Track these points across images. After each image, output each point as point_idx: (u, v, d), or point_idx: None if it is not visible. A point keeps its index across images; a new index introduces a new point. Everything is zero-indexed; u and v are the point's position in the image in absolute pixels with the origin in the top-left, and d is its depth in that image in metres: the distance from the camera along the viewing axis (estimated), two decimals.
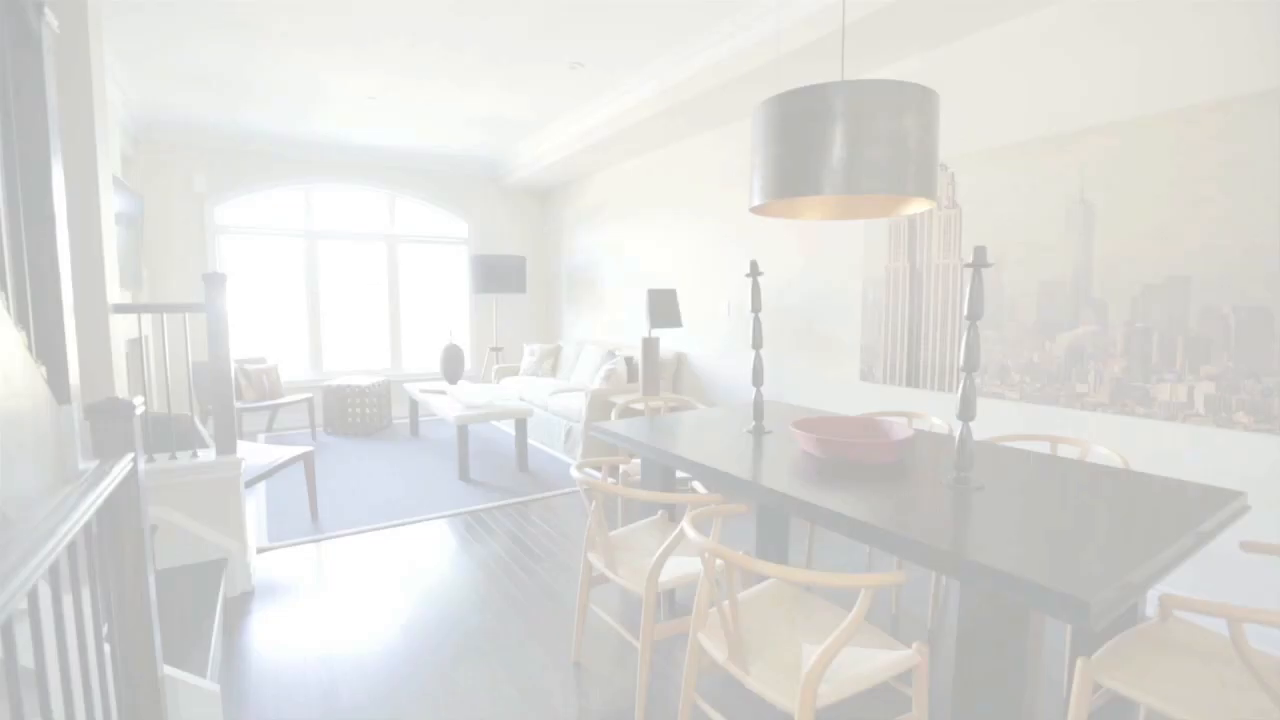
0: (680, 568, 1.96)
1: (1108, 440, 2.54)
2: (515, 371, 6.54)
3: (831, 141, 1.60)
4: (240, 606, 2.60)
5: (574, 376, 5.85)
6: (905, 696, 1.88)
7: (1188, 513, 1.47)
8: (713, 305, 4.76)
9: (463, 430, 4.34)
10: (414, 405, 5.87)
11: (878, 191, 1.61)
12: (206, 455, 2.70)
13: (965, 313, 1.60)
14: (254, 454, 3.46)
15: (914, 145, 1.61)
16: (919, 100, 1.61)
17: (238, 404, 5.27)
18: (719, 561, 1.37)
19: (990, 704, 1.33)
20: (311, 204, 6.30)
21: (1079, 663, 1.36)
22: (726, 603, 1.39)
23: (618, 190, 5.96)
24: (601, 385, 4.80)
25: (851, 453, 1.86)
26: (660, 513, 2.33)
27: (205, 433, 3.53)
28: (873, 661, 1.44)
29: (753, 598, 1.73)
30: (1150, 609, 2.26)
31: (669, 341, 5.30)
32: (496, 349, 6.62)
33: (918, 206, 1.93)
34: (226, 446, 2.70)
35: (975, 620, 1.34)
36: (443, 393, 5.27)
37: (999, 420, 2.90)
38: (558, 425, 5.04)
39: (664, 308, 4.38)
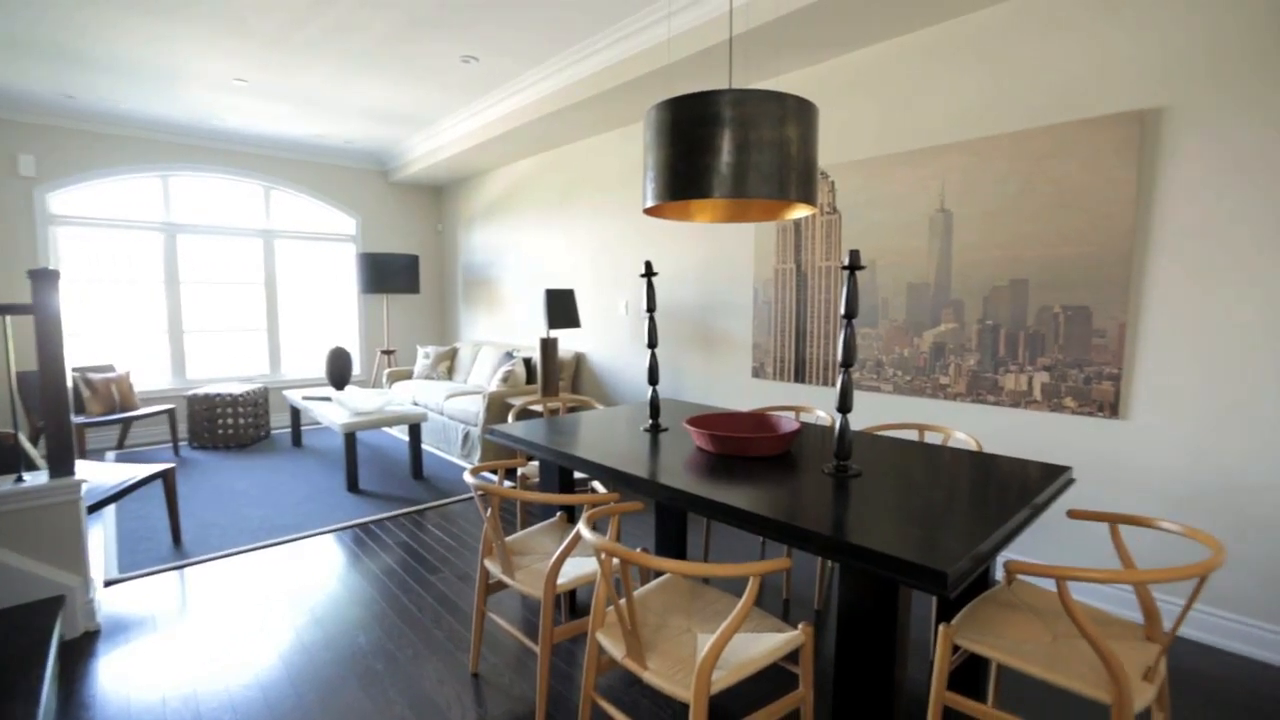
0: (579, 568, 1.95)
1: (966, 426, 2.82)
2: (409, 375, 6.25)
3: (720, 147, 1.66)
4: (81, 649, 2.29)
5: (471, 379, 5.68)
6: (795, 675, 1.99)
7: (1027, 488, 1.66)
8: (611, 305, 4.79)
9: (350, 438, 4.09)
10: (296, 414, 5.45)
11: (763, 196, 1.68)
12: (36, 479, 2.36)
13: (842, 311, 1.71)
14: (100, 474, 3.07)
15: (795, 153, 1.71)
16: (799, 111, 1.70)
17: (78, 418, 4.66)
18: (614, 560, 1.39)
19: (866, 673, 1.44)
20: (170, 193, 5.68)
21: (940, 629, 1.50)
22: (623, 600, 1.41)
23: (516, 188, 5.86)
24: (500, 387, 4.70)
25: (742, 447, 1.94)
26: (559, 514, 2.32)
27: (35, 453, 3.10)
28: (763, 645, 1.51)
29: (651, 593, 1.76)
30: (999, 575, 2.53)
31: (568, 341, 5.28)
32: (388, 352, 6.29)
33: (800, 212, 2.04)
34: (62, 468, 2.38)
35: (853, 598, 1.44)
36: (328, 399, 4.94)
37: (875, 411, 3.13)
38: (455, 429, 4.87)
39: (562, 308, 4.35)
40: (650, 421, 2.38)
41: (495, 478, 2.28)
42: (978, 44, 2.72)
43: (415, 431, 4.40)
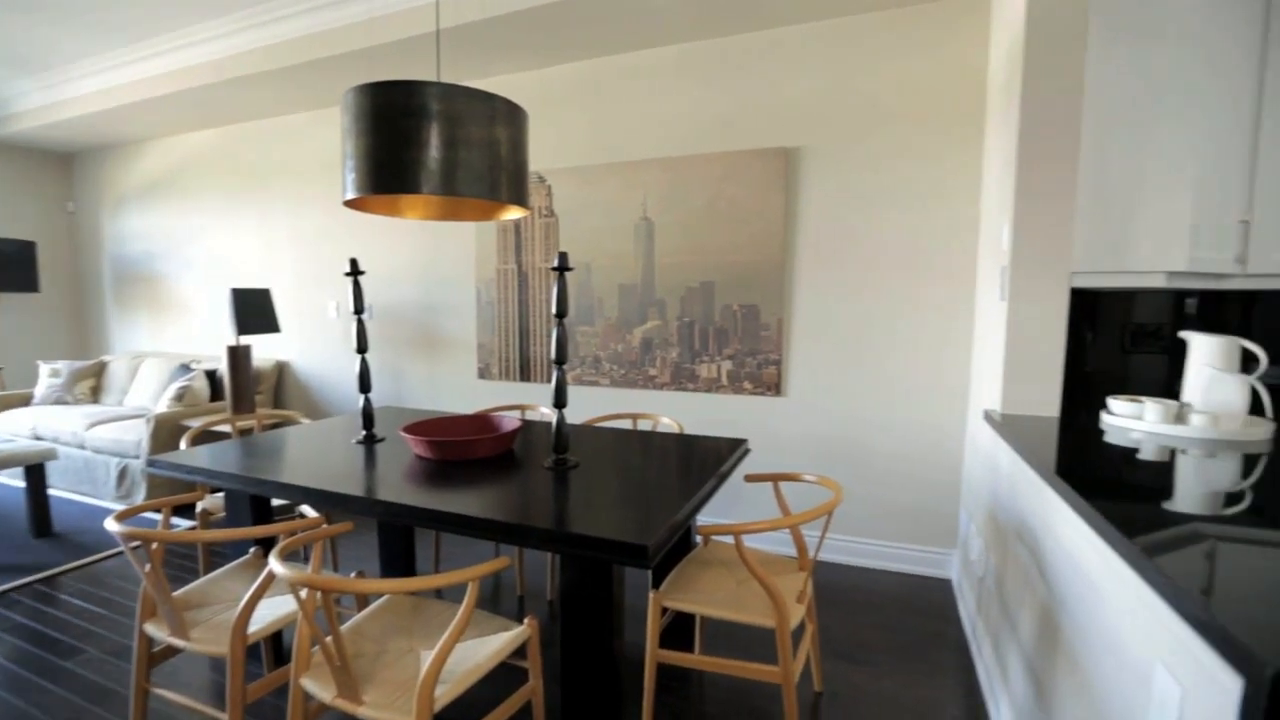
0: (280, 609, 1.70)
1: (671, 412, 3.19)
2: (26, 400, 4.73)
3: (427, 141, 1.59)
4: None
5: (130, 399, 4.54)
6: (526, 670, 2.02)
7: (715, 460, 1.95)
8: (319, 306, 4.28)
9: None
10: None
11: (474, 195, 1.66)
12: None
13: (554, 311, 1.79)
14: None
15: (506, 155, 1.72)
16: (508, 114, 1.72)
17: None
18: (312, 592, 1.24)
19: (588, 651, 1.53)
20: None
21: (651, 595, 1.68)
22: (330, 637, 1.27)
23: (190, 165, 4.83)
24: (172, 407, 3.84)
25: (463, 451, 1.90)
26: (252, 550, 1.99)
27: None
28: (489, 647, 1.50)
29: (368, 619, 1.62)
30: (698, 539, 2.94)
31: (266, 349, 4.56)
32: None
33: (514, 213, 2.07)
34: None
35: (572, 583, 1.52)
36: None
37: (595, 404, 3.35)
38: (105, 466, 3.84)
39: (255, 309, 3.74)
40: (364, 433, 2.19)
41: (160, 518, 1.85)
42: (677, 72, 3.08)
43: (36, 475, 3.35)
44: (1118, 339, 2.45)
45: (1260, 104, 2.01)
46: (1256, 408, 1.86)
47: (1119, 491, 1.23)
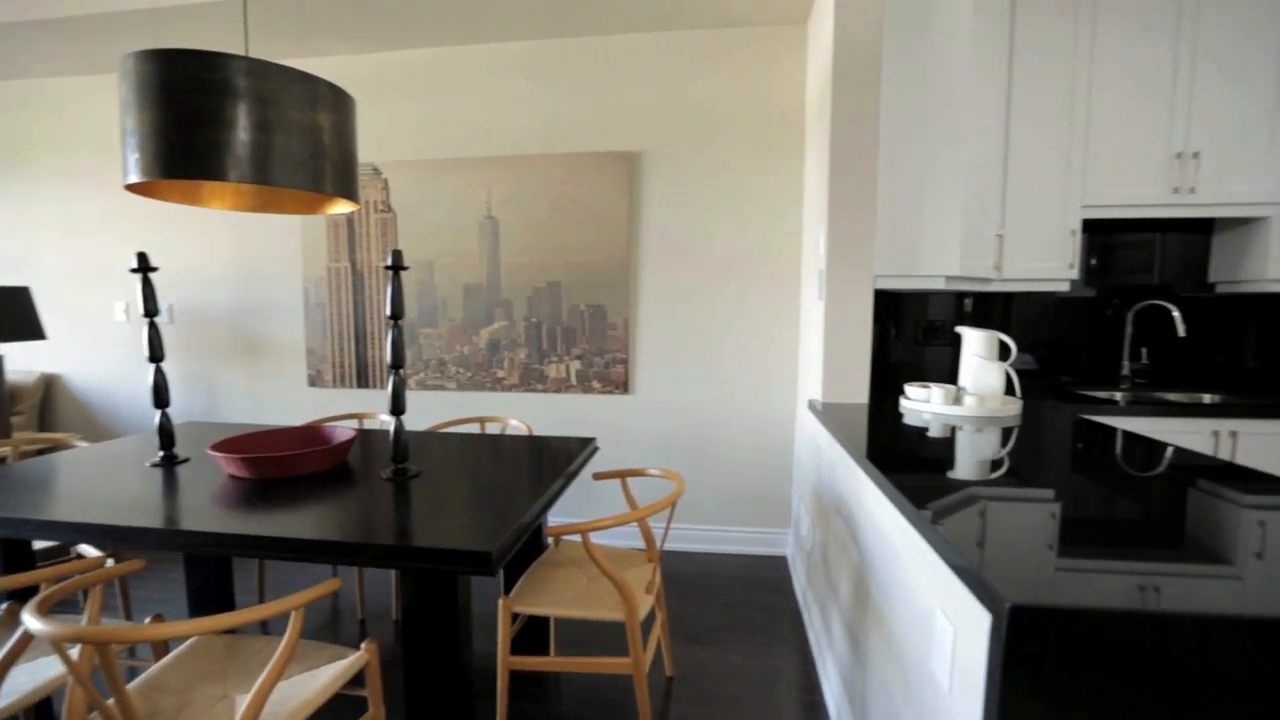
0: (48, 670, 1.43)
1: (521, 414, 3.15)
2: None
3: (233, 121, 1.42)
4: None
5: None
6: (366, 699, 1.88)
7: (564, 460, 1.95)
8: (103, 307, 3.64)
9: None
10: None
11: (294, 186, 1.51)
12: None
13: (388, 312, 1.68)
14: None
15: (330, 142, 1.58)
16: (333, 98, 1.58)
17: None
18: (86, 649, 1.06)
19: (434, 668, 1.46)
20: None
21: (500, 603, 1.64)
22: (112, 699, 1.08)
23: None
24: None
25: (286, 467, 1.72)
26: (4, 606, 1.64)
27: None
28: (320, 679, 1.38)
29: (168, 668, 1.41)
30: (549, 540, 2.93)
31: (29, 359, 3.79)
32: None
33: (342, 207, 1.91)
34: None
35: (414, 599, 1.44)
36: None
37: (441, 409, 3.21)
38: None
39: (9, 313, 3.09)
40: (161, 454, 1.90)
41: None
42: (520, 70, 3.03)
43: None
44: (914, 334, 2.83)
45: (1008, 138, 2.43)
46: (1017, 389, 2.25)
47: (911, 465, 1.43)
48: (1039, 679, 0.75)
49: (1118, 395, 2.51)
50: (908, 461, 1.47)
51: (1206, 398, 2.53)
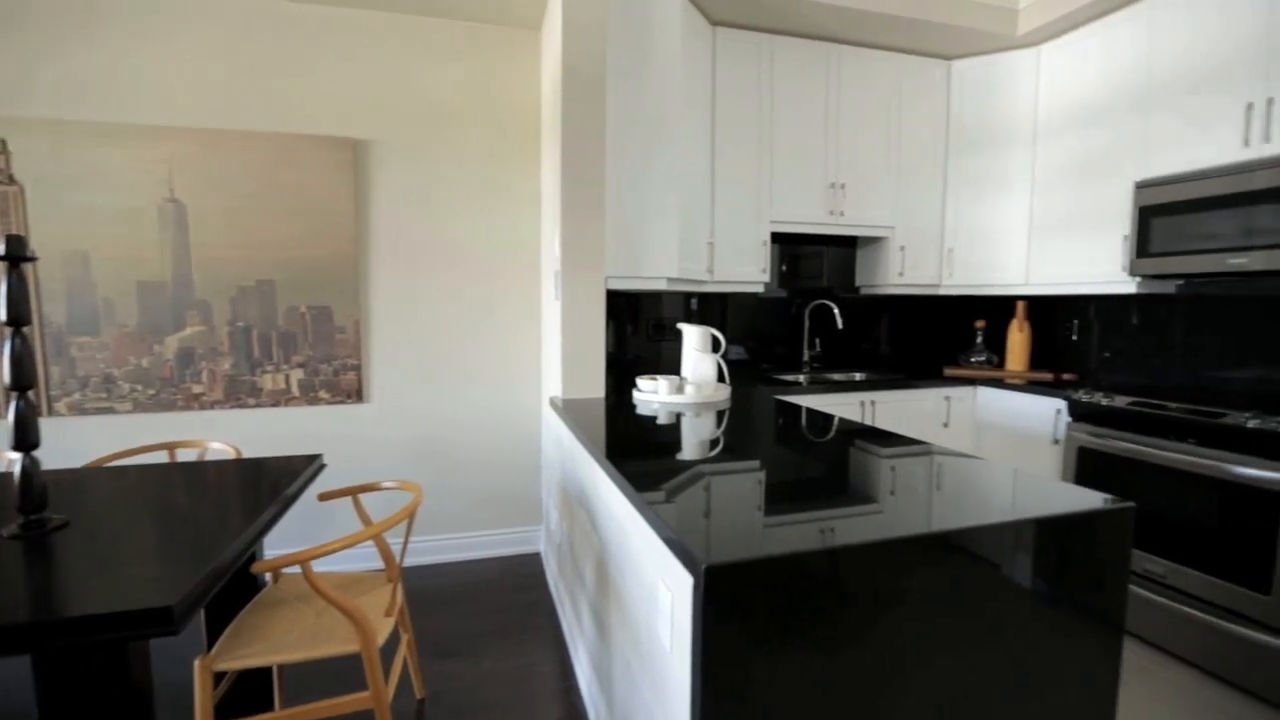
0: None
1: (226, 434, 2.67)
2: None
3: None
4: None
5: None
6: None
7: (277, 484, 1.71)
8: None
9: None
10: None
11: None
12: None
13: (3, 317, 1.28)
14: None
15: None
16: None
17: None
18: None
19: None
20: None
21: (196, 665, 1.37)
22: None
23: None
24: None
25: None
26: None
27: None
28: None
29: None
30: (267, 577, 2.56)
31: None
32: None
33: None
34: None
35: (55, 690, 1.13)
36: None
37: (110, 437, 2.56)
38: None
39: None
40: None
41: None
42: (213, 16, 2.53)
43: None
44: (647, 330, 3.09)
45: (714, 160, 2.79)
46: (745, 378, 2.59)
47: (640, 451, 1.56)
48: (736, 625, 0.88)
49: (801, 378, 3.07)
50: (638, 448, 1.60)
51: (857, 375, 3.24)
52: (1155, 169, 2.46)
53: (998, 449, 2.89)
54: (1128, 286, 2.61)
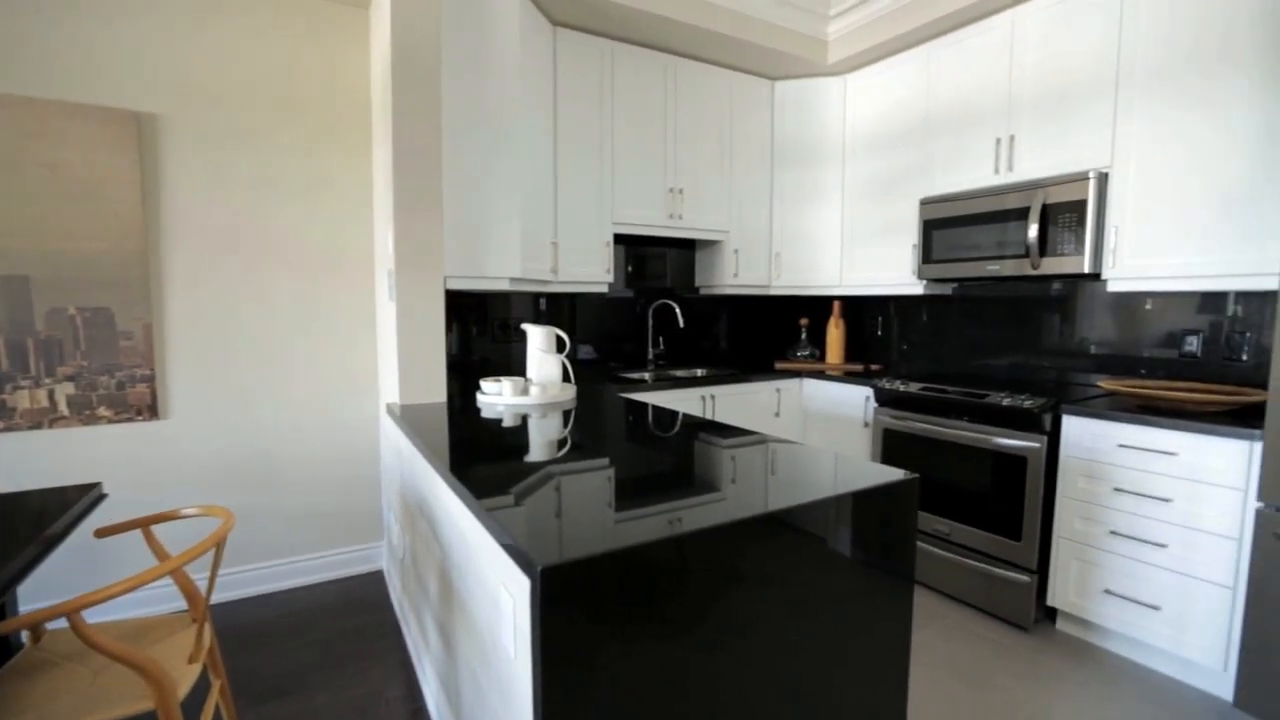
0: None
1: None
2: None
3: None
4: None
5: None
6: None
7: (39, 520, 1.43)
8: None
9: None
10: None
11: None
12: None
13: None
14: None
15: None
16: None
17: None
18: None
19: None
20: None
21: None
22: None
23: None
24: None
25: None
26: None
27: None
28: None
29: None
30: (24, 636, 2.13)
31: None
32: None
33: None
34: None
35: None
36: None
37: None
38: None
39: None
40: None
41: None
42: None
43: None
44: (494, 331, 3.02)
45: (556, 159, 2.79)
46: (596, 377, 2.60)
47: (483, 456, 1.52)
48: (577, 622, 0.89)
49: (646, 375, 3.18)
50: (479, 453, 1.56)
51: (699, 371, 3.42)
52: (936, 188, 2.88)
53: (822, 435, 3.21)
54: (917, 288, 3.03)
